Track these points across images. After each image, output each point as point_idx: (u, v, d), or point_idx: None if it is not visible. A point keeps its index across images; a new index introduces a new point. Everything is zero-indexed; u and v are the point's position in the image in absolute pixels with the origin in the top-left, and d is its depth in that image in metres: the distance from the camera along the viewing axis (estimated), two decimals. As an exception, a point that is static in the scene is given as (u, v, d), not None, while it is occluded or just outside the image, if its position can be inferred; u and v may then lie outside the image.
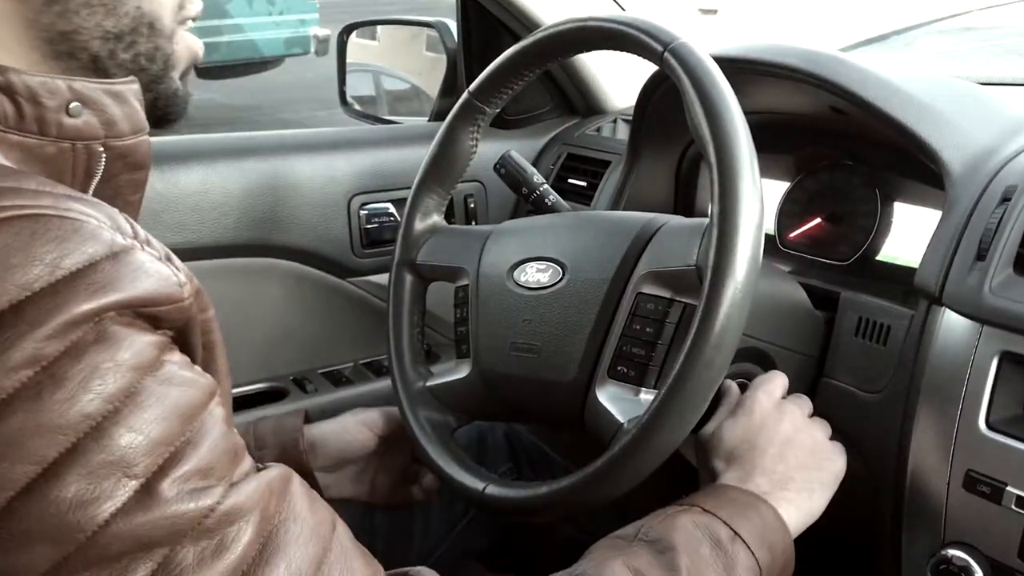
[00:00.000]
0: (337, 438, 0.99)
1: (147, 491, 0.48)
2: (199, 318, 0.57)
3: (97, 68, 0.61)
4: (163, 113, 0.68)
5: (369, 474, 1.01)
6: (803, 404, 0.85)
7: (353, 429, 1.00)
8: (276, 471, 0.56)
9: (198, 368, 0.55)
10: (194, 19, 0.69)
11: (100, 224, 0.51)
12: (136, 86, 0.63)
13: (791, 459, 0.79)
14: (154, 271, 0.52)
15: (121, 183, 0.63)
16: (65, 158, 0.58)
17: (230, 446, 0.54)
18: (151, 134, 0.65)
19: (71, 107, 0.58)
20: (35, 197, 0.50)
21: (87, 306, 0.48)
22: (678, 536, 0.69)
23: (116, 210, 0.54)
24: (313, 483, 0.93)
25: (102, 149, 0.60)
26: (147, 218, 1.15)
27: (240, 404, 1.28)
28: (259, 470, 0.56)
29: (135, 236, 0.53)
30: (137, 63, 0.63)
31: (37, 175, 0.54)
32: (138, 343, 0.50)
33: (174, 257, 0.57)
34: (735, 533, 0.70)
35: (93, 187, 0.61)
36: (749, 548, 0.70)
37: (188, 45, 0.69)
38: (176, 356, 0.53)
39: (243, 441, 0.56)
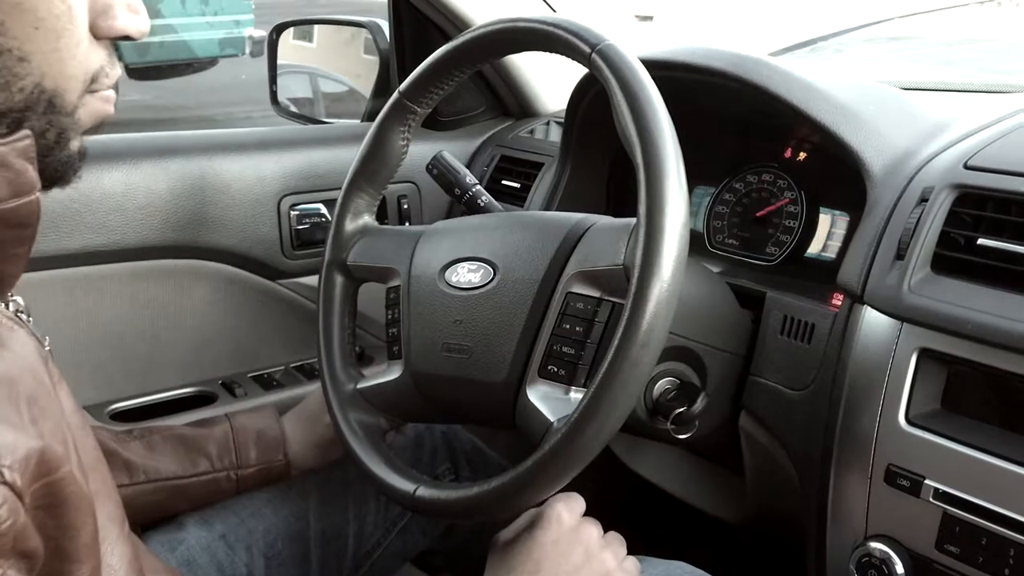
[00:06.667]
0: (317, 437, 1.03)
1: None
2: (35, 506, 0.45)
3: None
4: (54, 178, 0.56)
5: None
6: (597, 527, 0.82)
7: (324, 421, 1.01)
8: None
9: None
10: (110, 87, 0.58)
11: None
12: (27, 142, 0.51)
13: None
14: None
15: (1, 238, 0.52)
16: None
17: None
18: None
19: None
20: None
21: None
22: None
23: None
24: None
25: None
26: (68, 219, 1.14)
27: (168, 408, 1.26)
28: None
29: None
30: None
31: None
32: None
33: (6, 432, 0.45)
34: None
35: None
36: None
37: (94, 110, 0.57)
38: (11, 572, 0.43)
39: None
